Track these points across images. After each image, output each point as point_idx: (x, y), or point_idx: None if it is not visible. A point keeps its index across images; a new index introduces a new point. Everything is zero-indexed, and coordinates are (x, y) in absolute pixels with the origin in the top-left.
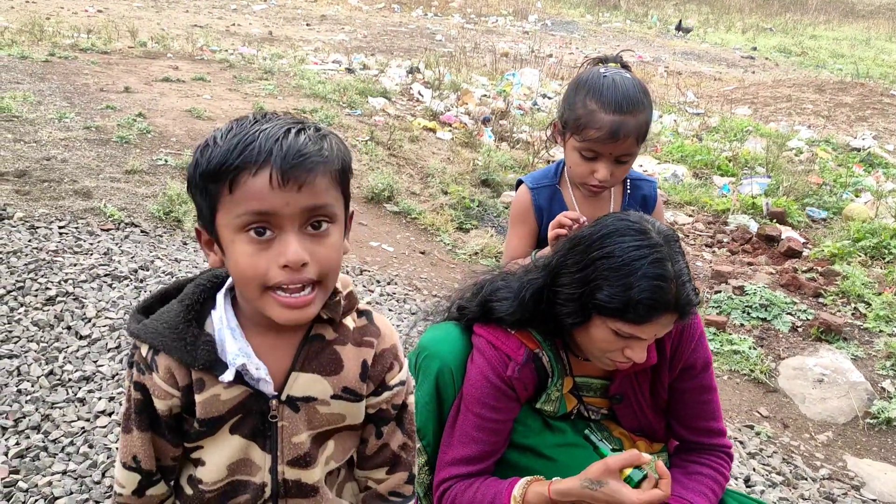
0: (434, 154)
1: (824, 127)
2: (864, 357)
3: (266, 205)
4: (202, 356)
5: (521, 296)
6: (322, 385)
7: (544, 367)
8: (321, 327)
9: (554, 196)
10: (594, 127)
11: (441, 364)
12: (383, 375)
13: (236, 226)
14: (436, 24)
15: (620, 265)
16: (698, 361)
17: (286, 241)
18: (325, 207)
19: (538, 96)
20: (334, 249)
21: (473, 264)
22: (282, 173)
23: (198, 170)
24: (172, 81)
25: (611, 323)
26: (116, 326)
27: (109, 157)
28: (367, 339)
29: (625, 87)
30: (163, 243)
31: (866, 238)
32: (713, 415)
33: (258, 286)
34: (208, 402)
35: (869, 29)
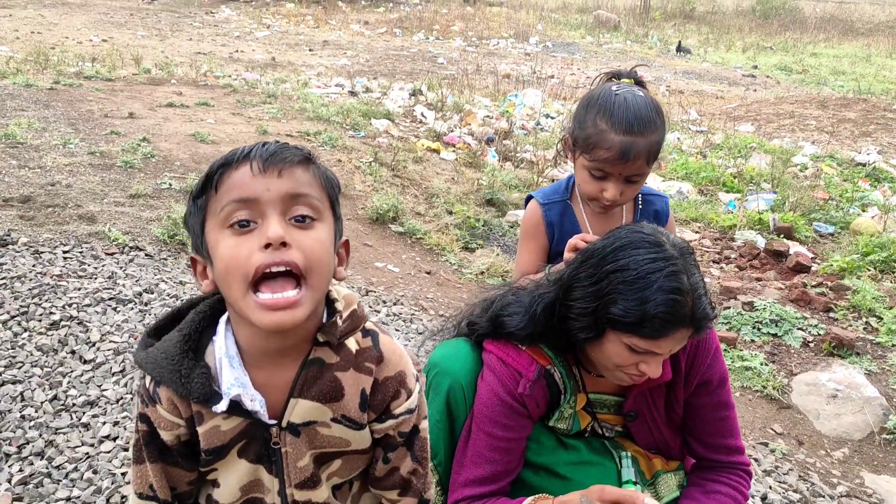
0: (438, 174)
1: (828, 143)
2: (877, 372)
3: (247, 191)
4: (196, 389)
5: (533, 310)
6: (321, 411)
7: (556, 384)
8: (320, 350)
9: (565, 212)
10: (604, 147)
11: (452, 381)
12: (386, 404)
13: (221, 221)
14: (437, 47)
15: (635, 278)
16: (714, 377)
17: (267, 224)
18: (306, 198)
19: (541, 116)
20: (319, 243)
21: (480, 283)
22: (262, 161)
23: (191, 198)
24: (176, 107)
25: (625, 338)
26: (121, 350)
27: (114, 182)
28: (367, 366)
29: (636, 106)
30: (167, 266)
31: (875, 252)
32: (731, 432)
33: (241, 279)
34: (210, 433)
35: (869, 46)
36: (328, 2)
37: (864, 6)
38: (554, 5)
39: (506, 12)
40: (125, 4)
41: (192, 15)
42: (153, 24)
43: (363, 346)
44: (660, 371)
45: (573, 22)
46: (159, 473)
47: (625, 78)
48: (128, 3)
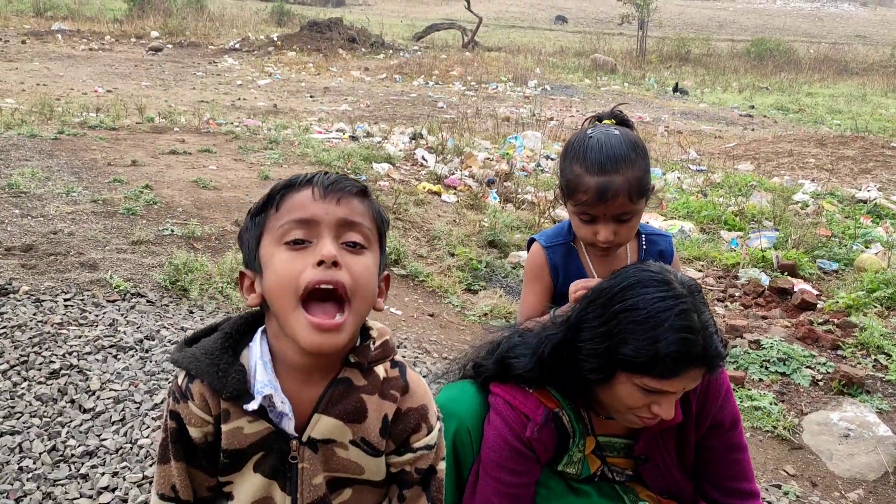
0: (440, 217)
1: (828, 180)
2: (889, 410)
3: (307, 213)
4: (232, 383)
5: (540, 352)
6: (343, 430)
7: (565, 427)
8: (350, 371)
9: (569, 254)
10: (581, 190)
11: (458, 424)
12: (407, 435)
13: (277, 237)
14: (437, 92)
15: (645, 317)
16: (726, 419)
17: (322, 244)
18: (360, 226)
19: (541, 158)
20: (366, 269)
21: (484, 325)
22: (323, 188)
23: (249, 215)
24: (179, 154)
25: (637, 378)
26: (121, 398)
27: (116, 229)
28: (392, 393)
29: (609, 145)
30: (169, 312)
31: (880, 289)
32: (745, 475)
33: (292, 293)
34: (232, 433)
35: (864, 85)
36: (329, 49)
37: (858, 47)
38: (551, 49)
39: (504, 57)
40: (129, 56)
41: (195, 65)
42: (157, 74)
43: (391, 375)
44: (672, 412)
45: (571, 65)
46: (183, 473)
47: (606, 119)
48: (132, 54)
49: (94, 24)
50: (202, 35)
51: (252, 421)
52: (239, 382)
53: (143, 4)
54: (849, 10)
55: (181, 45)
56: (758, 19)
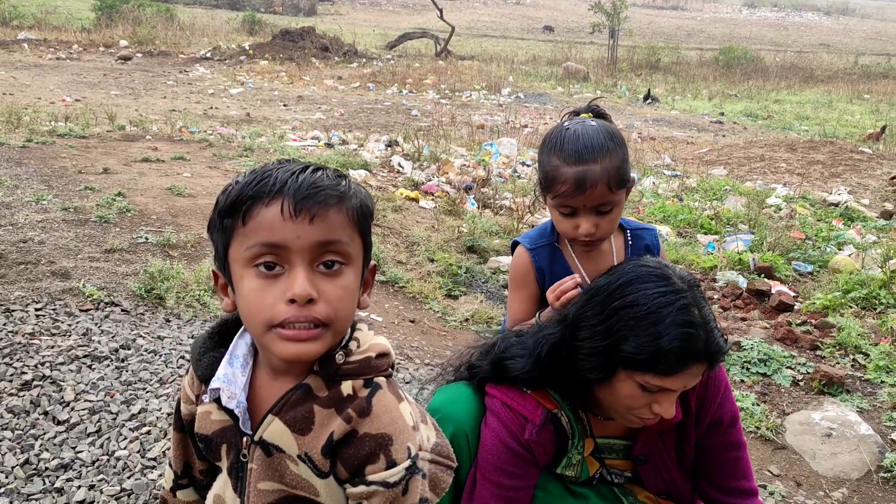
0: (418, 223)
1: (800, 184)
2: (869, 409)
3: (276, 236)
4: (201, 368)
5: (538, 353)
6: (289, 440)
7: (563, 429)
8: (313, 379)
9: (554, 255)
10: (560, 181)
11: (455, 427)
12: (359, 463)
13: (246, 259)
14: (411, 100)
15: (646, 313)
16: (725, 416)
17: (294, 275)
18: (337, 244)
19: (517, 164)
20: (346, 292)
21: (465, 331)
22: (294, 204)
23: (217, 208)
24: (152, 161)
25: (638, 376)
26: (96, 409)
27: (88, 237)
28: (348, 412)
29: (586, 136)
30: (145, 321)
31: (856, 289)
32: (744, 473)
33: (263, 323)
34: (202, 417)
35: (830, 92)
36: (302, 58)
37: (822, 55)
38: (524, 58)
39: (477, 65)
40: (98, 65)
41: (165, 74)
42: (127, 83)
43: (357, 394)
44: (673, 411)
45: (543, 73)
46: (178, 443)
47: (583, 113)
48: (100, 63)
49: (61, 34)
50: (172, 44)
51: (219, 409)
52: (208, 367)
53: (111, 13)
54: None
55: (151, 54)
56: (725, 28)
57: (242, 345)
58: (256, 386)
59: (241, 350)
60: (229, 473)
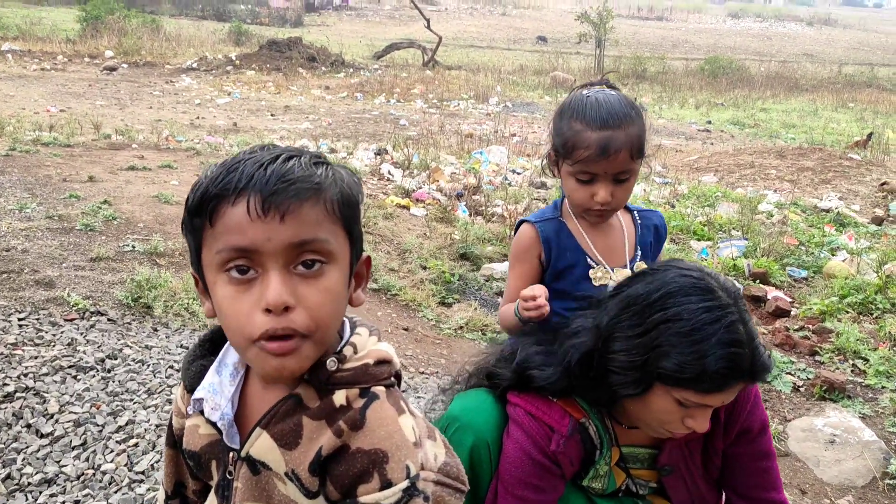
0: (409, 230)
1: (791, 191)
2: (871, 415)
3: (245, 239)
4: (188, 377)
5: (567, 361)
6: (276, 455)
7: (591, 439)
8: (304, 388)
9: (560, 229)
10: (582, 146)
11: (475, 438)
12: (350, 482)
13: (217, 264)
14: (399, 109)
15: (690, 330)
16: (755, 424)
17: (268, 280)
18: (314, 243)
19: (507, 172)
20: (329, 295)
21: (459, 339)
22: (261, 201)
23: (186, 206)
24: (138, 170)
25: (676, 392)
26: (81, 421)
27: (73, 246)
28: (339, 425)
29: (609, 103)
30: (132, 331)
31: (852, 294)
32: (773, 484)
33: (245, 339)
34: (190, 431)
35: (815, 101)
36: (289, 68)
37: (806, 65)
38: (511, 68)
39: (465, 75)
40: (83, 76)
41: (151, 84)
42: (112, 93)
43: (352, 405)
44: (707, 425)
45: (531, 83)
46: (169, 460)
47: (596, 86)
48: (86, 74)
49: (45, 45)
50: (158, 55)
51: (207, 422)
52: (196, 377)
53: (96, 24)
54: (796, 30)
55: (137, 65)
56: (709, 38)
57: (233, 352)
58: (247, 397)
59: (231, 358)
60: (216, 492)
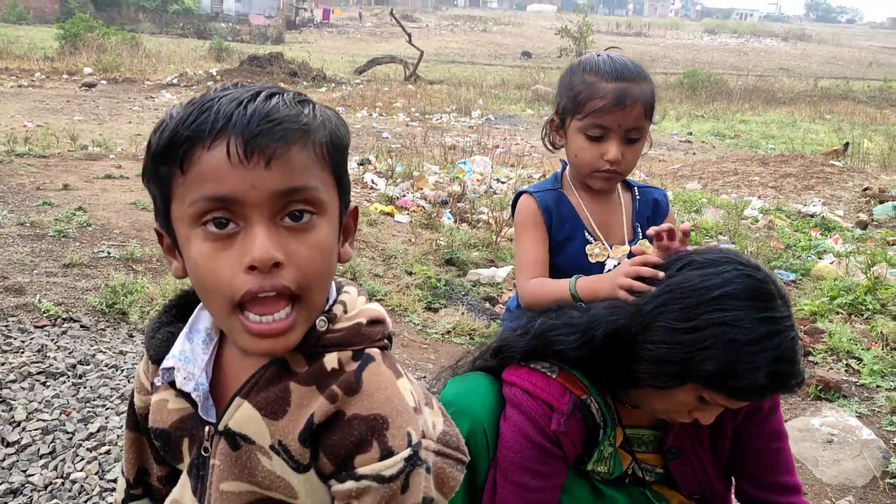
0: (394, 236)
1: (774, 197)
2: (868, 414)
3: (225, 187)
4: (154, 346)
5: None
6: (260, 426)
7: (593, 417)
8: (291, 352)
9: (560, 199)
10: (597, 97)
11: (472, 422)
12: (346, 453)
13: (191, 217)
14: (381, 123)
15: (748, 340)
16: (765, 403)
17: (253, 234)
18: (304, 191)
19: (492, 181)
20: (320, 250)
21: (446, 343)
22: (244, 144)
23: (150, 151)
24: (115, 178)
25: (707, 392)
26: (50, 429)
27: (45, 252)
28: (333, 390)
29: (621, 60)
30: (106, 337)
31: (841, 295)
32: (786, 467)
33: (224, 300)
34: (157, 406)
35: (793, 113)
36: (270, 83)
37: (783, 78)
38: (493, 82)
39: (447, 89)
40: (61, 92)
41: (131, 100)
42: (90, 109)
43: (345, 368)
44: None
45: (513, 96)
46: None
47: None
48: (64, 91)
49: (23, 62)
50: (138, 71)
51: (177, 395)
52: (161, 344)
53: (75, 42)
54: (771, 45)
55: (116, 81)
56: (687, 54)
57: (206, 316)
58: (223, 365)
59: (203, 323)
60: (189, 473)
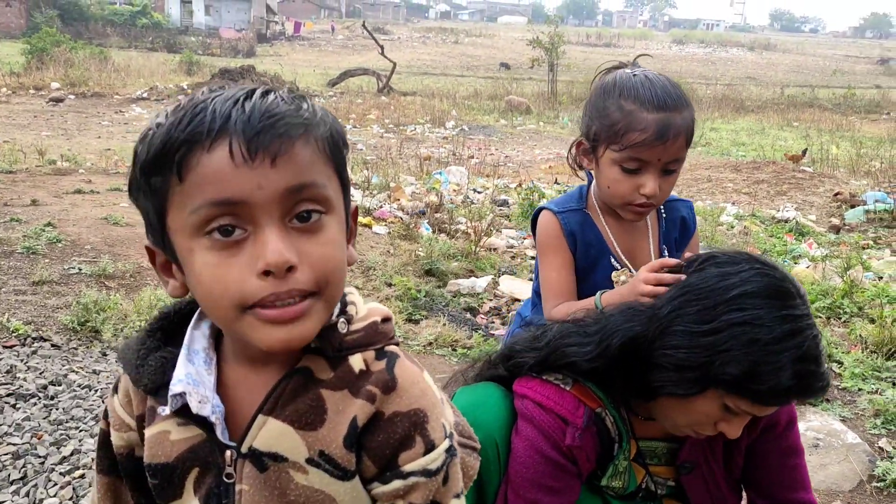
0: (373, 248)
1: (748, 203)
2: (852, 417)
3: (230, 190)
4: (147, 374)
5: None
6: (293, 441)
7: (608, 430)
8: (311, 359)
9: (584, 221)
10: (637, 129)
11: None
12: (392, 452)
13: (193, 227)
14: (355, 134)
15: (770, 340)
16: (782, 417)
17: (263, 237)
18: (313, 188)
19: (469, 191)
20: (333, 248)
21: (429, 355)
22: (247, 142)
23: (138, 163)
24: (85, 193)
25: (730, 399)
26: (21, 454)
27: (14, 270)
28: (368, 390)
29: (661, 82)
30: (78, 356)
31: (819, 300)
32: (802, 484)
33: (233, 308)
34: (156, 440)
35: (761, 120)
36: None
37: (750, 87)
38: (466, 93)
39: (420, 100)
40: (28, 108)
41: (100, 114)
42: (59, 124)
43: (373, 368)
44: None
45: (486, 107)
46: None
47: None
48: (30, 106)
49: None
50: (107, 85)
51: (182, 424)
52: (157, 371)
53: (41, 56)
54: (738, 55)
55: (84, 96)
56: (656, 64)
57: (200, 337)
58: (227, 386)
59: (199, 343)
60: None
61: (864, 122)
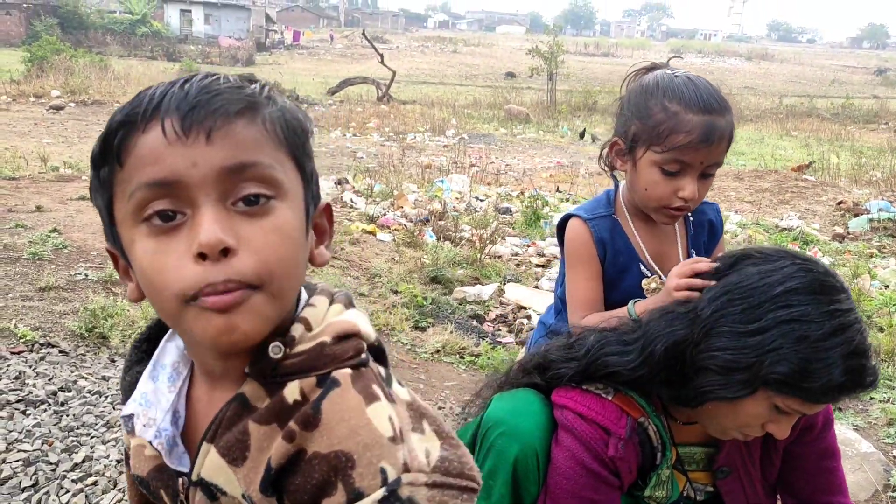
0: (377, 255)
1: (752, 211)
2: (864, 426)
3: (164, 169)
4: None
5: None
6: (228, 475)
7: (650, 440)
8: (250, 385)
9: (614, 227)
10: (682, 131)
11: (521, 446)
12: (310, 497)
13: (132, 213)
14: (356, 143)
15: (820, 337)
16: (819, 418)
17: (199, 217)
18: (255, 167)
19: (471, 198)
20: (280, 235)
21: (437, 363)
22: (181, 119)
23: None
24: (89, 199)
25: (781, 399)
26: (32, 460)
27: (20, 276)
28: (290, 427)
29: (703, 85)
30: (86, 362)
31: None
32: (839, 487)
33: (173, 297)
34: (136, 452)
35: (760, 130)
36: None
37: (749, 97)
38: (465, 102)
39: (420, 109)
40: (28, 115)
41: (100, 122)
42: (59, 131)
43: (306, 398)
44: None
45: (485, 116)
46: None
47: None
48: (31, 113)
49: None
50: (107, 93)
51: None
52: (132, 387)
53: (42, 64)
54: (736, 65)
55: (84, 104)
56: None
57: (172, 349)
58: (193, 403)
59: (169, 357)
60: None
61: (862, 132)
